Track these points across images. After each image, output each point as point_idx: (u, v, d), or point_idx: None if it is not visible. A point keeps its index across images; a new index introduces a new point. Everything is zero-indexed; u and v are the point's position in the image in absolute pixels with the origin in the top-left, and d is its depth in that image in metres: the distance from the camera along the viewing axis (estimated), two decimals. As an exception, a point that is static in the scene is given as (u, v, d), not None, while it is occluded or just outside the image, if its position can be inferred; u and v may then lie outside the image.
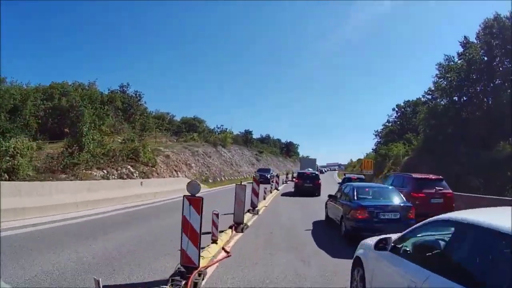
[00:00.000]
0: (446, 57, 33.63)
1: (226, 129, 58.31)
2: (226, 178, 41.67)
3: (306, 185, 25.30)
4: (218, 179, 39.26)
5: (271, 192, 24.68)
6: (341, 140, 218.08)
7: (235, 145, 59.19)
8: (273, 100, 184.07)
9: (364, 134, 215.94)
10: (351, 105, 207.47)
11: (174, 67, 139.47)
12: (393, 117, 59.17)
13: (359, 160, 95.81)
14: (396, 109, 57.76)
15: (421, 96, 43.76)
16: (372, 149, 70.48)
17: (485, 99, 31.36)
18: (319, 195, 23.72)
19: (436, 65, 34.37)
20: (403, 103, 56.52)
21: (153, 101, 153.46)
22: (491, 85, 30.65)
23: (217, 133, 67.86)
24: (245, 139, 74.73)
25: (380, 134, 69.62)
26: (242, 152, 61.63)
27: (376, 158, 55.45)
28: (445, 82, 32.58)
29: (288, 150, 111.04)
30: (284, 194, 26.02)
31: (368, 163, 33.16)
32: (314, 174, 27.29)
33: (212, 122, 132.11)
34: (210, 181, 35.90)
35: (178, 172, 30.34)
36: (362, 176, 28.05)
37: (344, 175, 35.84)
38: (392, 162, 38.19)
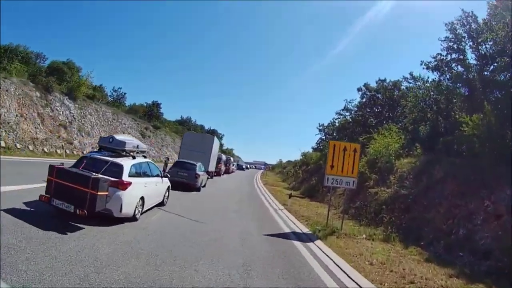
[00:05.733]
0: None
1: (87, 77, 35.04)
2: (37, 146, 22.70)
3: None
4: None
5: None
6: (273, 141, 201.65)
7: (110, 107, 40.63)
8: (205, 89, 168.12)
9: (299, 136, 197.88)
10: (290, 101, 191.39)
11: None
12: (354, 103, 39.43)
13: (287, 162, 78.15)
14: (364, 89, 37.72)
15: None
16: (313, 148, 51.57)
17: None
18: None
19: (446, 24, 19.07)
20: (377, 82, 36.58)
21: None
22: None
23: (111, 97, 47.26)
24: (149, 110, 59.45)
25: (326, 129, 50.32)
26: (119, 119, 41.31)
27: (319, 159, 37.09)
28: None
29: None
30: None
31: (351, 155, 12.38)
32: None
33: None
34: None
35: None
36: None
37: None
38: (384, 166, 17.91)
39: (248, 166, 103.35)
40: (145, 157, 10.57)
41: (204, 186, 21.27)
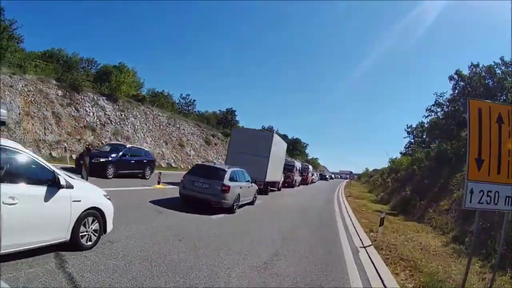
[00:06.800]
0: None
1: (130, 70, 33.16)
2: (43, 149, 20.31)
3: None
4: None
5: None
6: (360, 150, 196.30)
7: (165, 111, 38.43)
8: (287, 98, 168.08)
9: (386, 143, 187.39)
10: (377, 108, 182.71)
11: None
12: (446, 97, 32.08)
13: (373, 170, 69.02)
14: (456, 78, 30.53)
15: None
16: (401, 153, 45.11)
17: None
18: None
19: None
20: (469, 67, 29.50)
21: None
22: None
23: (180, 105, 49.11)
24: (223, 117, 57.55)
25: (415, 131, 43.60)
26: (178, 124, 38.19)
27: (411, 164, 30.88)
28: None
29: (293, 148, 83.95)
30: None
31: None
32: None
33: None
34: None
35: None
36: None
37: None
38: None
39: (333, 176, 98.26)
40: None
41: (251, 204, 15.44)
